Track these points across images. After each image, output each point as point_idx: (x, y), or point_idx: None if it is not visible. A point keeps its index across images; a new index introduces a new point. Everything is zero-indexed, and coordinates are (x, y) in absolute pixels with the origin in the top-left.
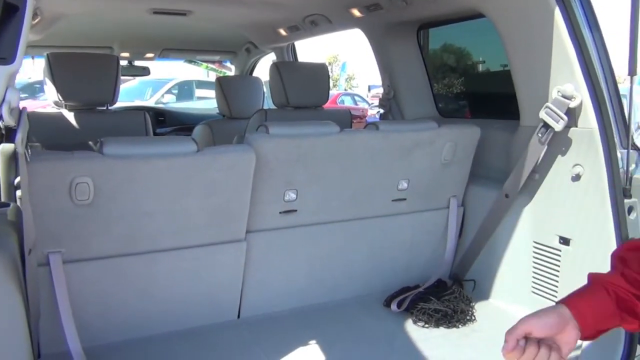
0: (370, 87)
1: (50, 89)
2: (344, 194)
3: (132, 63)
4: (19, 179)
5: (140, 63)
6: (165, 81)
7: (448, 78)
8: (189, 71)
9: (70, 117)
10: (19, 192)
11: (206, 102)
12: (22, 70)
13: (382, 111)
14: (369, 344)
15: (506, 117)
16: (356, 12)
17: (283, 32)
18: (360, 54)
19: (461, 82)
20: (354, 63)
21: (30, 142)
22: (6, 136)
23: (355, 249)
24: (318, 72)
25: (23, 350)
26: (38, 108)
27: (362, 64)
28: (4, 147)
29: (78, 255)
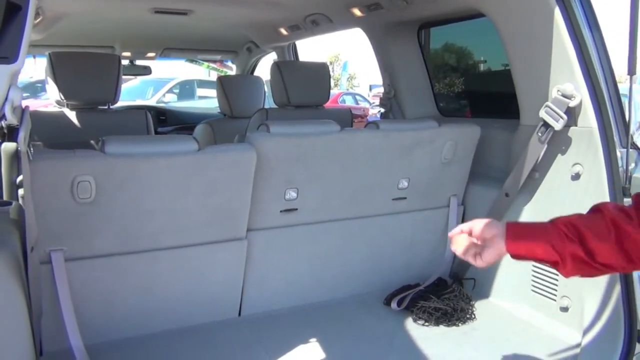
0: (371, 87)
1: (52, 88)
2: (345, 192)
3: (134, 62)
4: (21, 178)
5: (141, 62)
6: (166, 80)
7: (448, 77)
8: (190, 70)
9: (72, 116)
10: (21, 191)
11: (207, 101)
12: (24, 70)
13: (382, 110)
14: (369, 342)
15: (506, 116)
16: (357, 12)
17: (284, 31)
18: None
19: (461, 82)
20: (355, 62)
21: (32, 141)
22: (8, 135)
23: (355, 247)
24: (319, 72)
25: (25, 347)
26: (40, 107)
27: (363, 63)
28: (7, 146)
29: (80, 253)
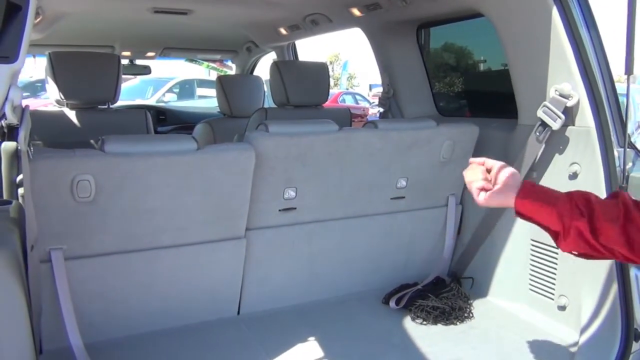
0: (371, 86)
1: (52, 87)
2: (343, 191)
3: (133, 62)
4: (21, 177)
5: (141, 62)
6: (166, 80)
7: (447, 77)
8: (190, 70)
9: (71, 115)
10: (21, 190)
11: (207, 100)
12: (24, 69)
13: (382, 110)
14: (368, 340)
15: (504, 116)
16: (356, 12)
17: (283, 31)
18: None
19: (460, 82)
20: (355, 62)
21: (32, 140)
22: (8, 134)
23: (354, 246)
24: (318, 71)
25: (25, 345)
26: (40, 107)
27: (363, 63)
28: (7, 145)
29: (79, 252)
